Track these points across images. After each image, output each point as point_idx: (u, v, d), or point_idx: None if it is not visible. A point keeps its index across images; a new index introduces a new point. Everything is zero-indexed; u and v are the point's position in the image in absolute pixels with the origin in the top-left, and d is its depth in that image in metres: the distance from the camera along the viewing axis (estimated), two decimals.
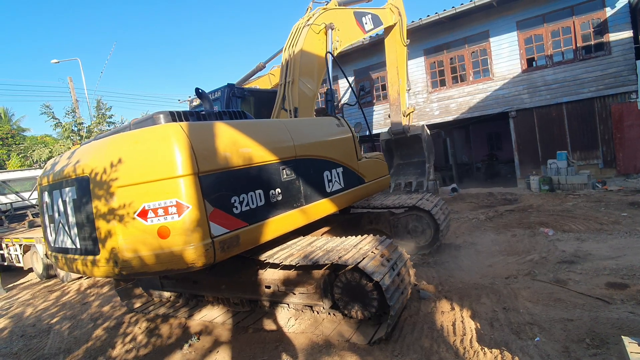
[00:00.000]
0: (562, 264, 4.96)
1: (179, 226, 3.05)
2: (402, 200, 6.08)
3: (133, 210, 3.11)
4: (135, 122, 3.83)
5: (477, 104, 12.58)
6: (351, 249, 3.73)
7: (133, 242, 3.14)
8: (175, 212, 3.04)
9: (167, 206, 3.05)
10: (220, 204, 3.27)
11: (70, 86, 19.51)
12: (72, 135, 16.52)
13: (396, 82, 8.87)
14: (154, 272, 3.30)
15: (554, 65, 11.19)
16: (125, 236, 3.16)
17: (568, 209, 8.16)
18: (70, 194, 3.54)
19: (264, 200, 3.69)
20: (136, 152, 3.22)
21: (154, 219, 3.08)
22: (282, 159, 4.00)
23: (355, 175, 5.22)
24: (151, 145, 3.20)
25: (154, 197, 3.07)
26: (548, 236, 6.25)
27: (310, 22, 6.28)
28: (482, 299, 4.12)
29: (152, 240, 3.09)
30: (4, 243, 9.56)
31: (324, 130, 5.04)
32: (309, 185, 4.30)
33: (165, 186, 3.07)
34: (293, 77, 5.77)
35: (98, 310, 5.86)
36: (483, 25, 12.08)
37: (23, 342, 5.11)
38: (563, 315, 3.55)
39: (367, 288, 3.47)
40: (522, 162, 12.09)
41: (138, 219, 3.10)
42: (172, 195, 3.04)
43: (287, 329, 3.90)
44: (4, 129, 33.46)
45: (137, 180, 3.13)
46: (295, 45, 6.07)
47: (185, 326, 4.56)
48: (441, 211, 5.97)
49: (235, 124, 3.85)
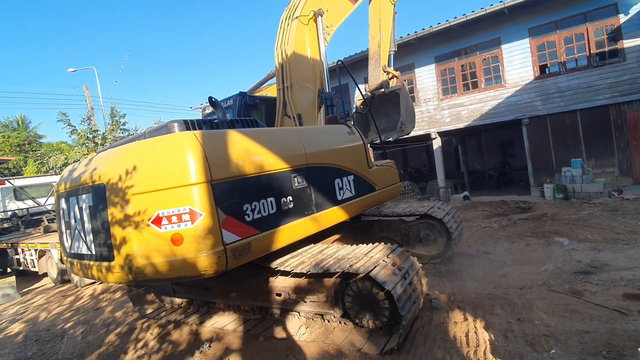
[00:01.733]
0: (578, 274, 4.85)
1: (192, 233, 3.08)
2: (413, 208, 6.04)
3: (147, 217, 3.16)
4: (150, 131, 3.90)
5: (489, 111, 12.48)
6: (362, 257, 3.71)
7: (147, 249, 3.18)
8: (188, 219, 3.08)
9: (180, 213, 3.09)
10: (232, 212, 3.30)
11: (86, 94, 19.97)
12: (87, 142, 16.87)
13: (377, 35, 7.91)
14: (166, 279, 3.33)
15: (567, 72, 11.06)
16: (139, 243, 3.20)
17: (583, 218, 8.00)
18: (87, 200, 3.61)
19: (275, 208, 3.70)
20: (151, 160, 3.27)
21: (167, 226, 3.12)
22: (293, 167, 4.02)
23: (366, 183, 5.21)
24: (165, 154, 3.26)
25: (168, 205, 3.12)
26: (563, 246, 6.13)
27: (297, 13, 5.77)
28: (496, 309, 4.05)
29: (166, 247, 3.13)
30: (20, 248, 9.76)
31: (335, 138, 5.06)
32: (320, 193, 4.31)
33: (178, 194, 3.11)
34: (291, 81, 5.53)
35: (111, 315, 5.93)
36: (494, 32, 12.04)
37: (37, 347, 5.19)
38: (579, 327, 3.47)
39: (379, 297, 3.44)
40: (536, 170, 11.92)
41: (152, 225, 3.14)
42: (186, 202, 3.08)
43: (297, 337, 3.89)
44: (22, 136, 34.39)
45: (152, 187, 3.18)
46: (286, 43, 5.71)
47: (196, 333, 4.57)
48: (453, 219, 5.90)
49: (248, 132, 3.89)
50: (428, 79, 13.73)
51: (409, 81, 14.24)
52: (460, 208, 10.60)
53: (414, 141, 14.99)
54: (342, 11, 6.74)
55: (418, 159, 21.11)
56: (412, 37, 12.78)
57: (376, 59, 8.14)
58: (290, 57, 5.58)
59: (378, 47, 8.10)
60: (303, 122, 5.36)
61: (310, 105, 5.71)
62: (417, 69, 13.91)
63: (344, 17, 6.83)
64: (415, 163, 20.76)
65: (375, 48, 8.18)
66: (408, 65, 14.08)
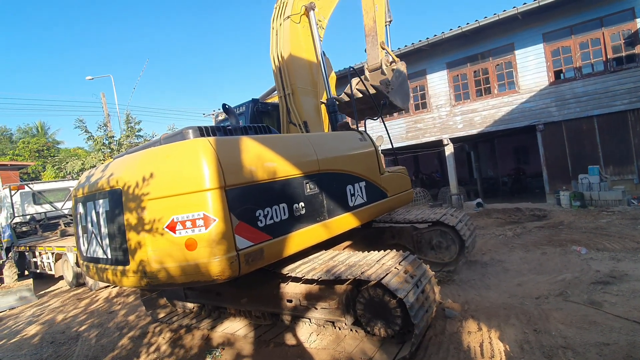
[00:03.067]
0: (597, 284, 4.71)
1: (206, 238, 3.11)
2: (425, 215, 5.98)
3: (162, 222, 3.20)
4: (166, 137, 3.96)
5: (502, 117, 12.34)
6: (374, 264, 3.68)
7: (161, 254, 3.22)
8: (202, 224, 3.11)
9: (194, 219, 3.12)
10: (245, 217, 3.32)
11: (103, 101, 20.44)
12: (103, 148, 17.22)
13: (371, 9, 7.57)
14: (180, 284, 3.36)
15: (583, 77, 10.88)
16: (154, 248, 3.24)
17: (602, 226, 7.80)
18: (104, 205, 3.68)
19: (287, 214, 3.71)
20: (166, 166, 3.32)
21: (182, 231, 3.15)
22: (305, 173, 4.03)
23: (378, 190, 5.19)
24: (180, 160, 3.30)
25: (183, 210, 3.15)
26: (581, 255, 5.97)
27: (287, 12, 5.48)
28: (511, 319, 3.96)
29: (180, 252, 3.16)
30: (38, 251, 9.98)
31: (347, 144, 5.05)
32: (332, 199, 4.31)
33: (193, 199, 3.14)
34: (292, 88, 5.40)
35: (124, 319, 6.00)
36: (507, 37, 11.94)
37: (53, 349, 5.27)
38: (598, 339, 3.37)
39: (391, 305, 3.41)
40: (551, 177, 11.70)
41: (167, 231, 3.18)
42: (200, 208, 3.11)
43: (308, 344, 3.86)
44: (41, 142, 35.41)
45: (167, 193, 3.23)
46: (281, 47, 5.47)
47: (207, 338, 4.59)
48: (466, 226, 5.82)
49: (261, 139, 3.91)
50: (440, 85, 13.66)
51: (421, 87, 14.20)
52: (474, 215, 10.44)
53: (426, 147, 14.91)
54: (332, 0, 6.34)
55: (430, 166, 20.95)
56: (424, 44, 12.77)
57: (373, 36, 7.58)
58: (288, 61, 5.43)
59: (374, 23, 7.54)
60: (309, 130, 5.30)
61: (314, 111, 5.62)
62: (429, 75, 13.87)
63: (333, 5, 6.47)
64: (427, 169, 20.61)
65: (371, 24, 7.60)
66: (420, 72, 14.06)
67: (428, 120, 14.16)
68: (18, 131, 41.62)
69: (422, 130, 14.33)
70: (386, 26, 7.88)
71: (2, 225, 12.19)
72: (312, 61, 5.72)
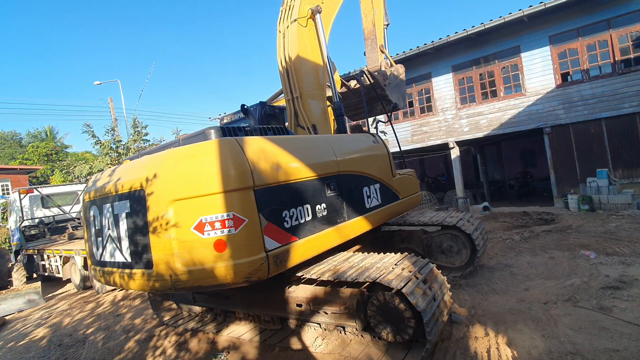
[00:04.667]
0: (606, 289, 4.65)
1: (236, 239, 3.03)
2: (440, 218, 5.85)
3: (189, 223, 3.09)
4: (185, 138, 3.87)
5: (508, 120, 12.26)
6: (391, 268, 3.56)
7: (189, 256, 3.11)
8: (232, 225, 3.03)
9: (224, 219, 3.03)
10: (273, 218, 3.26)
11: (111, 106, 20.67)
12: (111, 152, 17.39)
13: (370, 12, 7.58)
14: (208, 287, 3.24)
15: (590, 79, 10.78)
16: (180, 250, 3.13)
17: (611, 230, 7.69)
18: (123, 207, 3.57)
19: (311, 215, 3.66)
20: (193, 166, 3.23)
21: (210, 232, 3.06)
22: (327, 174, 3.98)
23: (391, 192, 5.16)
24: (209, 159, 3.19)
25: (211, 211, 3.06)
26: (589, 259, 5.89)
27: (294, 15, 5.47)
28: (519, 325, 3.92)
29: (208, 253, 3.07)
30: (46, 254, 10.08)
31: (362, 146, 5.03)
32: (350, 201, 4.26)
33: (222, 199, 3.06)
34: (300, 91, 5.35)
35: (130, 322, 6.02)
36: (513, 40, 11.88)
37: (60, 352, 5.31)
38: (608, 345, 3.32)
39: (406, 314, 3.30)
40: (559, 180, 11.58)
41: (194, 232, 3.09)
42: (230, 208, 3.04)
43: (314, 349, 3.85)
44: (49, 146, 35.84)
45: (194, 193, 3.13)
46: (289, 49, 5.45)
47: (213, 341, 4.59)
48: (481, 235, 5.69)
49: (283, 140, 3.86)
50: (445, 88, 13.63)
51: (426, 90, 14.17)
52: (480, 219, 10.36)
53: (432, 151, 14.85)
54: (335, 1, 6.38)
55: (436, 169, 20.87)
56: (428, 47, 12.74)
57: (372, 39, 7.67)
58: (296, 64, 5.38)
59: (373, 26, 7.65)
60: (318, 133, 5.25)
61: (322, 114, 5.59)
62: (434, 79, 13.83)
63: (338, 6, 6.50)
64: (432, 173, 20.53)
65: (370, 27, 7.70)
66: (425, 75, 14.03)
67: (434, 124, 14.10)
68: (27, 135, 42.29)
69: (428, 134, 14.28)
70: (384, 29, 7.90)
71: (12, 228, 12.35)
72: (319, 64, 5.69)
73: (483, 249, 5.79)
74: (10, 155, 38.05)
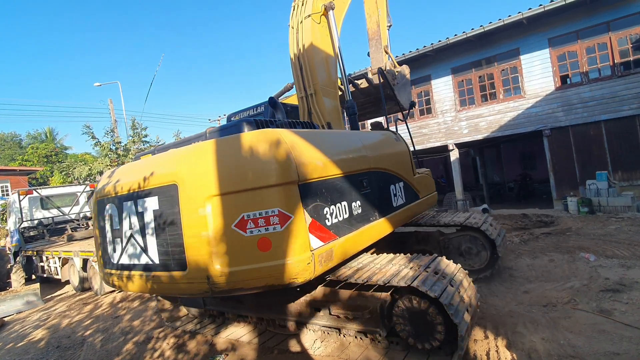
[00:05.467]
0: (606, 292, 4.64)
1: (281, 238, 2.83)
2: (461, 219, 5.72)
3: (230, 220, 2.87)
4: (212, 131, 3.66)
5: (508, 122, 12.28)
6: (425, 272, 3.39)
7: (229, 256, 2.88)
8: (277, 222, 2.83)
9: (268, 216, 2.83)
10: (316, 215, 3.09)
11: (110, 107, 20.68)
12: (110, 154, 17.40)
13: (375, 13, 7.42)
14: (250, 289, 3.03)
15: (590, 82, 10.80)
16: (219, 249, 2.88)
17: (610, 232, 7.69)
18: (150, 204, 3.29)
19: (348, 213, 3.51)
20: (234, 159, 3.01)
21: (253, 230, 2.85)
22: (361, 170, 3.86)
23: (412, 191, 5.08)
24: (251, 151, 3.00)
25: (254, 207, 2.85)
26: (589, 262, 5.89)
27: (308, 11, 5.36)
28: (519, 327, 3.91)
29: (251, 253, 2.86)
30: (45, 255, 10.06)
31: (386, 143, 4.95)
32: (380, 198, 4.16)
33: (266, 194, 2.86)
34: (314, 88, 5.24)
35: (129, 324, 6.00)
36: (513, 42, 11.91)
37: (58, 353, 5.29)
38: (608, 349, 3.31)
39: (436, 321, 3.16)
40: (558, 183, 11.58)
41: (236, 230, 2.86)
42: (275, 204, 2.84)
43: (312, 351, 3.84)
44: (49, 147, 35.86)
45: (235, 188, 2.91)
46: (303, 47, 5.33)
47: (211, 343, 4.58)
48: (496, 232, 5.55)
49: (320, 134, 3.74)
50: (445, 90, 13.65)
51: (426, 92, 14.19)
52: None
53: (431, 153, 14.85)
54: None
55: (435, 171, 20.82)
56: (428, 49, 12.77)
57: (377, 40, 7.62)
58: (310, 61, 5.27)
59: (377, 27, 7.61)
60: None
61: (335, 111, 5.51)
62: (434, 81, 13.86)
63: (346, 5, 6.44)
64: (432, 175, 20.48)
65: (375, 27, 7.66)
66: (424, 77, 14.06)
67: (433, 126, 14.12)
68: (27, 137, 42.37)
69: (427, 136, 14.29)
70: (387, 30, 7.88)
71: (11, 229, 12.32)
72: (331, 62, 5.62)
73: (503, 246, 5.61)
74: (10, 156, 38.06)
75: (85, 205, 12.64)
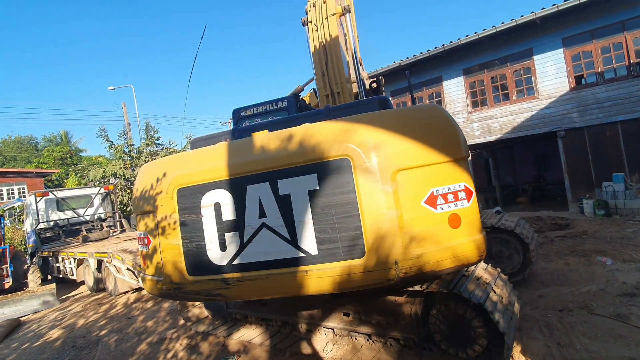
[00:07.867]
0: (623, 296, 4.54)
1: (469, 213, 2.70)
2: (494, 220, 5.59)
3: (419, 197, 2.68)
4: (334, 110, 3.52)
5: (521, 123, 12.11)
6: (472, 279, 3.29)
7: (420, 235, 2.67)
8: (464, 197, 2.71)
9: (456, 191, 2.70)
10: None
11: (124, 111, 21.05)
12: (124, 156, 17.70)
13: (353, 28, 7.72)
14: (440, 271, 2.76)
15: (605, 82, 10.60)
16: (408, 229, 2.65)
17: (628, 236, 7.51)
18: (304, 183, 2.86)
19: None
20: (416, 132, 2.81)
21: (444, 206, 2.68)
22: None
23: None
24: (430, 125, 2.87)
25: (443, 181, 2.71)
26: (606, 266, 5.77)
27: (330, 9, 5.28)
28: (534, 332, 3.85)
29: (444, 231, 2.67)
30: (60, 256, 10.26)
31: None
32: None
33: (452, 169, 2.74)
34: (342, 87, 5.11)
35: (142, 325, 6.09)
36: (526, 43, 11.76)
37: (74, 353, 5.39)
38: (625, 354, 3.24)
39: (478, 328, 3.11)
40: (574, 185, 11.37)
41: (426, 206, 2.68)
42: (460, 178, 2.74)
43: (324, 354, 3.84)
44: (64, 150, 36.61)
45: (421, 162, 2.73)
46: (327, 45, 5.19)
47: (224, 345, 4.61)
48: (530, 235, 5.45)
49: None
50: (456, 91, 13.53)
51: (437, 94, 14.10)
52: None
53: None
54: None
55: None
56: (439, 50, 12.70)
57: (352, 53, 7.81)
58: (337, 59, 5.14)
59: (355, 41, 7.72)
60: None
61: None
62: (445, 82, 13.76)
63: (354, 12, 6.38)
64: None
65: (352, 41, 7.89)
66: (436, 78, 13.96)
67: None
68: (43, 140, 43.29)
69: None
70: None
71: (28, 231, 12.60)
72: (348, 61, 5.59)
73: (535, 248, 5.49)
74: (27, 159, 38.96)
75: (100, 207, 12.86)
